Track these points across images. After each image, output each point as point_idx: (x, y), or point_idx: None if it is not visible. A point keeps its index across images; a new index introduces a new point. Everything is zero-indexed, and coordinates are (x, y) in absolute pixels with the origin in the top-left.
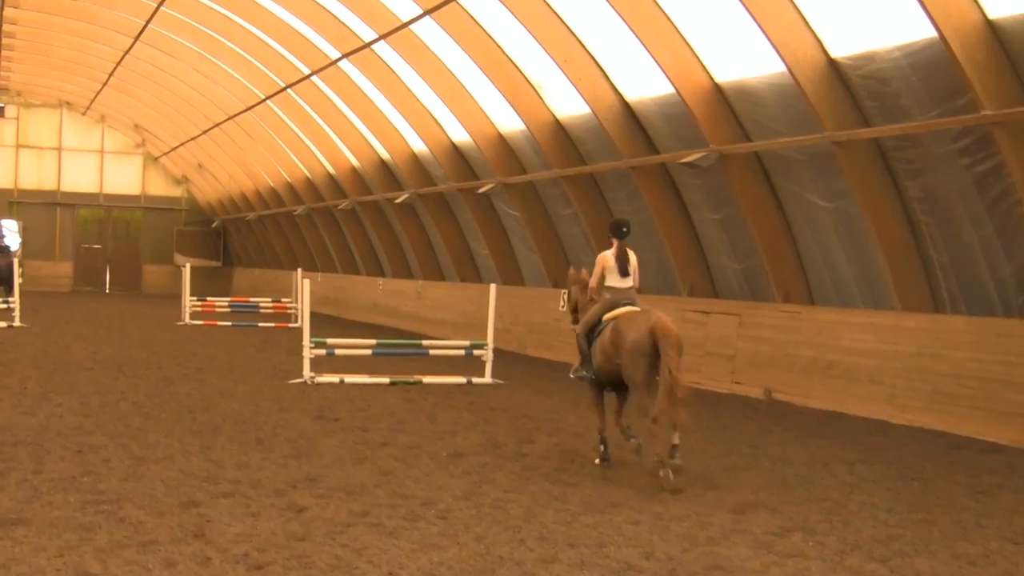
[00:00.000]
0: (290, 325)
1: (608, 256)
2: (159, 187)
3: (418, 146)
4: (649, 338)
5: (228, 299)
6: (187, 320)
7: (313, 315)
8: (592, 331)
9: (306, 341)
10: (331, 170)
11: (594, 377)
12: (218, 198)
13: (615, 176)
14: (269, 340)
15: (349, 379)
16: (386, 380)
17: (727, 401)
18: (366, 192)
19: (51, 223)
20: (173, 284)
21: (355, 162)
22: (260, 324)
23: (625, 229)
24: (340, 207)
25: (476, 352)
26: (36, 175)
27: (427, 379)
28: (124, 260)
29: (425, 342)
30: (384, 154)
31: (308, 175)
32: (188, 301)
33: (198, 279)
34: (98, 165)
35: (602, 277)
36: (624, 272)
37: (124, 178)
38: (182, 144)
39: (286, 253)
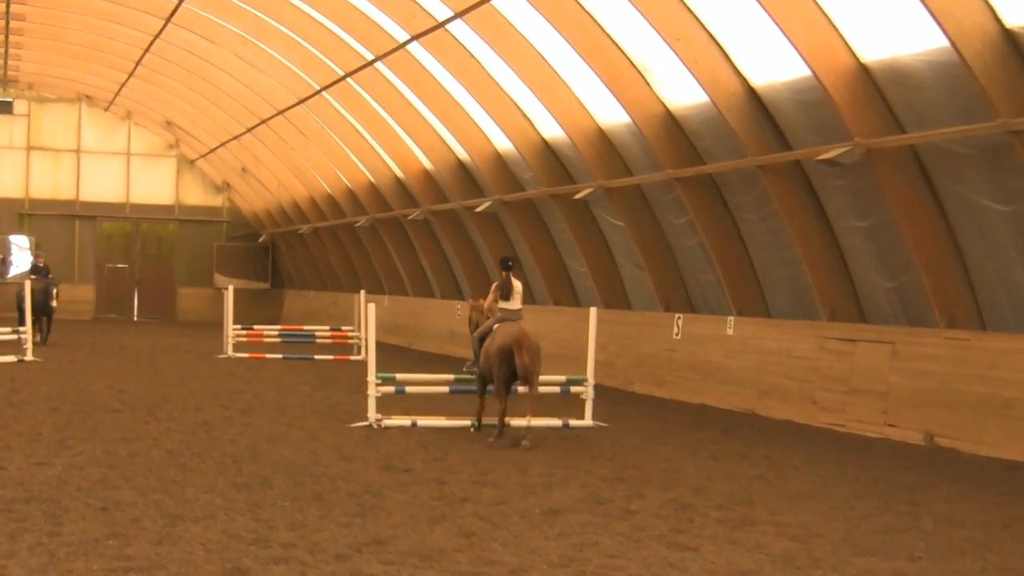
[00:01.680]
0: (352, 358)
1: (496, 285)
2: (196, 195)
3: (502, 144)
4: (511, 343)
5: (278, 327)
6: (230, 352)
7: (379, 346)
8: (484, 338)
9: (371, 377)
10: (399, 174)
11: (478, 371)
12: (266, 208)
13: (739, 177)
14: (327, 376)
15: (423, 422)
16: (467, 423)
17: (878, 447)
18: (441, 199)
19: (68, 239)
20: (213, 310)
21: (427, 164)
22: (316, 357)
23: (510, 263)
24: (410, 217)
25: (574, 389)
26: (51, 182)
27: (515, 422)
28: (155, 282)
29: None
30: (462, 154)
31: (372, 180)
32: (231, 330)
33: (243, 304)
34: (124, 170)
35: (495, 299)
36: (507, 297)
37: (155, 185)
38: (223, 144)
39: (346, 272)
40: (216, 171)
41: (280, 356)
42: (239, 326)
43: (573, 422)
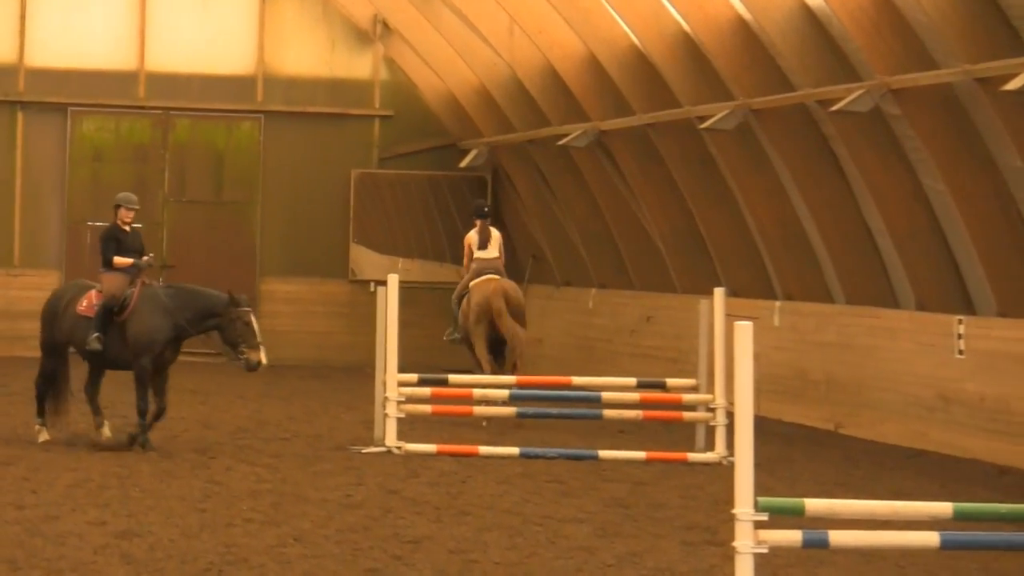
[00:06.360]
0: (693, 456)
1: (472, 235)
2: (308, 53)
3: None
4: (489, 299)
5: (509, 380)
6: (390, 440)
7: (763, 427)
8: (461, 298)
9: (742, 507)
10: None
11: (460, 338)
12: (478, 85)
13: None
14: (631, 499)
15: None
16: None
17: None
18: (910, 64)
19: (1, 158)
20: (348, 333)
21: None
22: (603, 454)
23: (486, 209)
24: (839, 107)
25: None
26: None
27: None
28: (207, 263)
29: None
30: None
31: (742, 12)
32: (394, 386)
33: (425, 321)
34: None
35: (471, 253)
36: (483, 246)
37: (206, 27)
38: None
39: (677, 242)
40: None
41: (515, 451)
42: (414, 376)
43: None
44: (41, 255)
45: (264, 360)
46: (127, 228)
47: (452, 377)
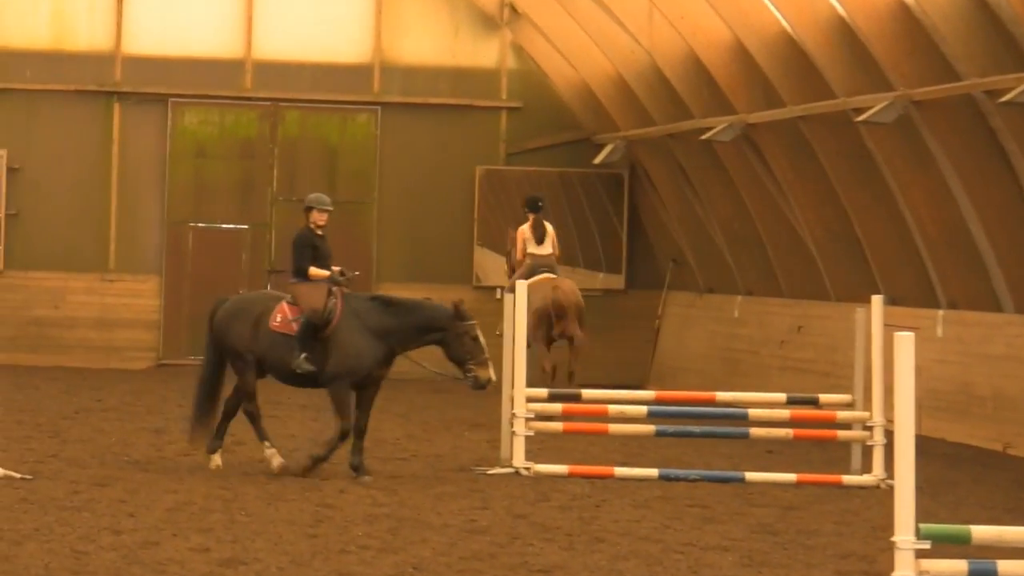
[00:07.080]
0: (848, 480)
1: (525, 229)
2: (428, 39)
3: None
4: (548, 305)
5: (647, 395)
6: (517, 460)
7: (926, 447)
8: None
9: (901, 533)
10: None
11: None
12: (614, 74)
13: None
14: (783, 523)
15: None
16: None
17: None
18: None
19: (98, 152)
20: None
21: None
22: (750, 476)
23: (541, 204)
24: (1010, 96)
25: None
26: (49, 12)
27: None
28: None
29: None
30: None
31: None
32: (522, 401)
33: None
34: None
35: (523, 247)
36: (540, 241)
37: (318, 14)
38: None
39: (836, 245)
40: None
41: (654, 472)
42: (544, 391)
43: None
44: (139, 259)
45: (494, 377)
46: (321, 233)
47: (585, 392)
